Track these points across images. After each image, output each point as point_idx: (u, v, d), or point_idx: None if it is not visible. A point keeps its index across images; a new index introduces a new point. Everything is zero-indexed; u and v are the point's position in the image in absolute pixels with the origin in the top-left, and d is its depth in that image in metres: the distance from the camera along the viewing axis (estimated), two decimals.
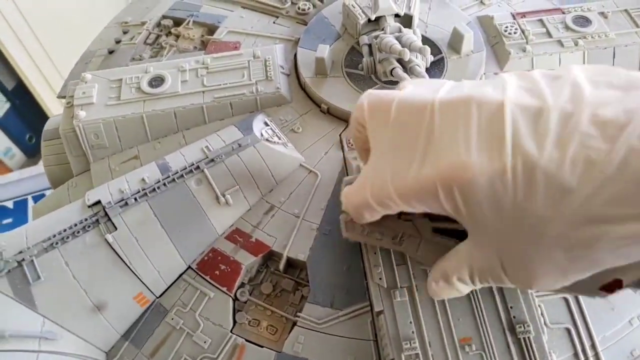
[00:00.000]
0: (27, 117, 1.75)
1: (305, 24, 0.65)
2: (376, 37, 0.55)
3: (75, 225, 0.48)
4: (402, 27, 0.55)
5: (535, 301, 0.44)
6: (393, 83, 0.54)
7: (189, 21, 0.70)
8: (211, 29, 0.69)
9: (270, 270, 0.50)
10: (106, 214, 0.48)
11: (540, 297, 0.45)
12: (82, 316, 0.46)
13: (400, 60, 0.53)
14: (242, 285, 0.49)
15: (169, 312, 0.48)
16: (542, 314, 0.44)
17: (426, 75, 0.50)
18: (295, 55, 0.61)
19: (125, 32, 0.73)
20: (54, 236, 0.47)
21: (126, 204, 0.48)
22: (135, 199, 0.48)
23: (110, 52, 0.71)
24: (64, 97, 0.62)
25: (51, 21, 1.59)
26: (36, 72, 1.63)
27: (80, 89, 0.59)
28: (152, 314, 0.48)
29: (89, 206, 0.49)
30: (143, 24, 0.72)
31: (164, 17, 0.72)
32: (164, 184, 0.49)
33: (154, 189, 0.49)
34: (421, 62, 0.52)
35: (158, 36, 0.70)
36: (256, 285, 0.50)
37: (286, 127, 0.56)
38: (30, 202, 1.50)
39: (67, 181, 0.60)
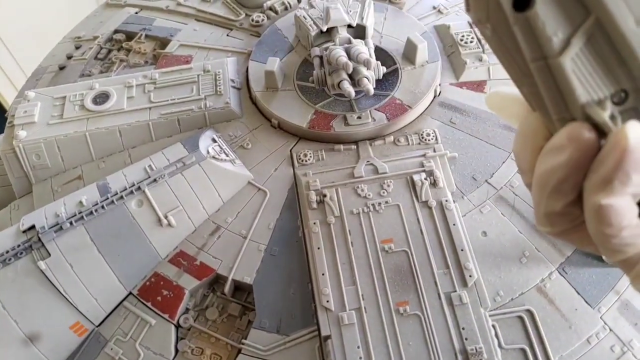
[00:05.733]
0: None
1: (259, 36, 0.63)
2: (326, 48, 0.53)
3: (7, 252, 0.45)
4: (351, 38, 0.53)
5: (488, 321, 0.42)
6: (343, 96, 0.52)
7: (141, 35, 0.68)
8: (164, 43, 0.67)
9: (217, 295, 0.48)
10: (40, 240, 0.45)
11: (494, 316, 0.43)
12: (13, 348, 0.43)
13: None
14: (186, 311, 0.47)
15: (108, 342, 0.45)
16: (496, 334, 0.42)
17: (372, 89, 0.48)
18: (247, 69, 0.59)
19: (77, 47, 0.71)
20: None
21: (61, 228, 0.45)
22: (71, 223, 0.46)
23: (61, 68, 0.68)
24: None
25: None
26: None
27: (22, 107, 0.56)
28: (91, 344, 0.46)
29: (23, 231, 0.47)
30: (95, 38, 0.70)
31: (116, 31, 0.70)
32: (102, 207, 0.47)
33: (91, 212, 0.46)
34: (370, 74, 0.50)
35: (109, 51, 0.68)
36: (201, 310, 0.47)
37: (235, 143, 0.54)
38: None
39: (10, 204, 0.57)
